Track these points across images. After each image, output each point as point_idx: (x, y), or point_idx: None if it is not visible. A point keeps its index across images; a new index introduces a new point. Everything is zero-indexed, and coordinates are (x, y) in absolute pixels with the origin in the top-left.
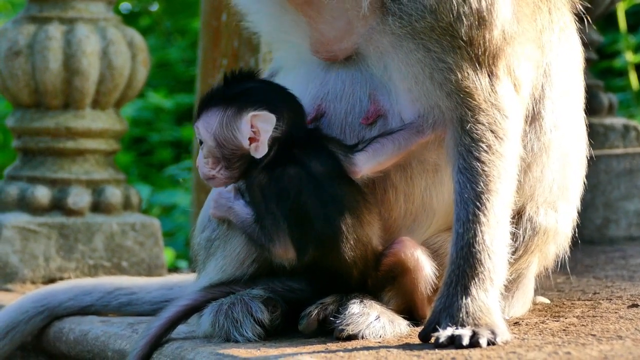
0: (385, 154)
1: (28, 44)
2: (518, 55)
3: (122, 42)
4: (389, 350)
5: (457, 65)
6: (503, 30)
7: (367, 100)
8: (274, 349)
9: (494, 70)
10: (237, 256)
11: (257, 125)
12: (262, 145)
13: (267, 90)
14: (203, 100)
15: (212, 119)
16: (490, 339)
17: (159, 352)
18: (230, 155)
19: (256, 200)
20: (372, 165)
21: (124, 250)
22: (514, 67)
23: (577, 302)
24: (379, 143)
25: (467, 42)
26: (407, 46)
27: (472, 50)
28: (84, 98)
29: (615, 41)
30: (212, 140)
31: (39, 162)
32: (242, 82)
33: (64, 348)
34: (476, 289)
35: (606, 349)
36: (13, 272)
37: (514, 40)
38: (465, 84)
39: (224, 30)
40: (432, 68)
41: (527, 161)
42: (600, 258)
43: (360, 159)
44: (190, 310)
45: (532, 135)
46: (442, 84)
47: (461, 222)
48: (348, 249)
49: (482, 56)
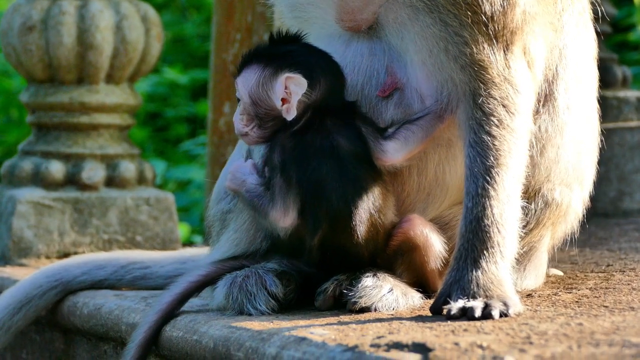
0: (415, 142)
1: (42, 19)
2: (535, 34)
3: (136, 16)
4: (401, 322)
5: (474, 39)
6: (524, 9)
7: (384, 72)
8: (287, 321)
9: (509, 47)
10: (247, 230)
11: (290, 87)
12: (292, 107)
13: (307, 54)
14: (245, 57)
15: (250, 77)
16: (502, 310)
17: (171, 325)
18: (264, 114)
19: (274, 162)
20: (402, 154)
21: (138, 224)
22: (529, 45)
23: (590, 274)
24: (409, 130)
25: (489, 18)
26: (423, 19)
27: (492, 25)
28: (97, 73)
29: (630, 14)
30: (248, 97)
31: (53, 137)
32: (285, 44)
33: (77, 322)
34: (486, 261)
35: (618, 320)
36: (28, 247)
37: (534, 20)
38: (479, 57)
39: (237, 5)
40: (448, 41)
41: (542, 142)
42: (614, 231)
43: (392, 147)
44: (202, 284)
45: (546, 116)
46: (456, 57)
47: (471, 195)
48: (361, 230)
49: (500, 32)
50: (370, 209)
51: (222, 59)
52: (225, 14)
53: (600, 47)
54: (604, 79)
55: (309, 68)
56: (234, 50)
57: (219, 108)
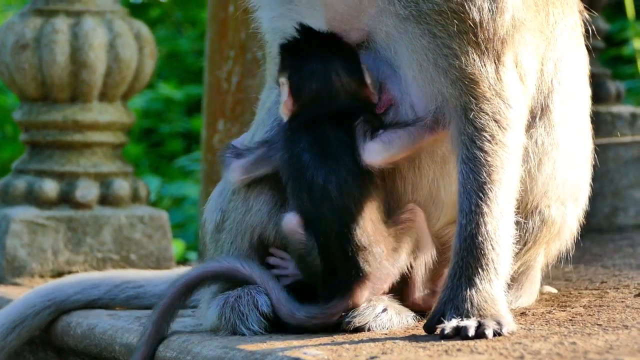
0: (399, 147)
1: (35, 37)
2: (526, 43)
3: (129, 34)
4: (394, 342)
5: (463, 50)
6: (513, 15)
7: (378, 89)
8: (280, 341)
9: (500, 58)
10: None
11: (282, 90)
12: (284, 109)
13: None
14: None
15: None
16: (496, 329)
17: (165, 346)
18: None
19: (267, 140)
20: (383, 156)
21: (133, 243)
22: (521, 57)
23: (584, 292)
24: (395, 134)
25: (476, 25)
26: (412, 31)
27: (480, 34)
28: (91, 91)
29: (624, 29)
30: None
31: (47, 155)
32: (310, 38)
33: (71, 342)
34: (480, 280)
35: (612, 338)
36: (21, 266)
37: (523, 27)
38: (470, 70)
39: (231, 22)
40: (437, 54)
41: (538, 156)
42: (608, 247)
43: (373, 147)
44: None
45: (542, 130)
46: (446, 71)
47: (464, 213)
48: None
49: (490, 42)
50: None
51: (216, 76)
52: (218, 32)
53: (594, 62)
54: (598, 94)
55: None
56: (228, 67)
57: (213, 125)
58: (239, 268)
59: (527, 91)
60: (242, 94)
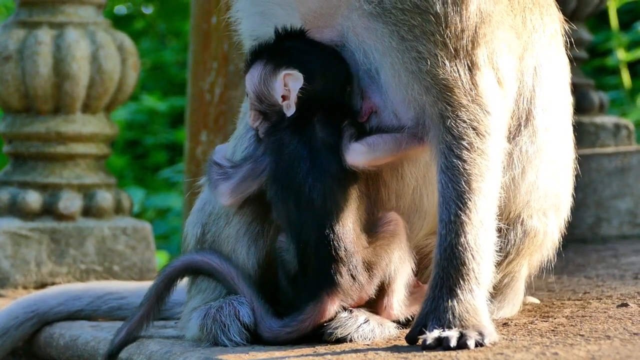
0: (382, 151)
1: (18, 49)
2: (499, 39)
3: (112, 46)
4: (377, 353)
5: (432, 54)
6: (479, 7)
7: (359, 96)
8: (262, 352)
9: (473, 61)
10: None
11: (288, 84)
12: (291, 104)
13: (306, 51)
14: (250, 54)
15: (255, 73)
16: (478, 340)
17: (147, 357)
18: (268, 110)
19: (253, 152)
20: (365, 158)
21: (116, 254)
22: (495, 56)
23: (567, 302)
24: (380, 138)
25: (440, 19)
26: (380, 30)
27: (447, 30)
28: (74, 102)
29: (608, 39)
30: (253, 93)
31: (30, 167)
32: (289, 40)
33: (54, 353)
34: (462, 290)
35: (594, 349)
36: (5, 278)
37: (492, 20)
38: (442, 76)
39: (213, 33)
40: (407, 57)
41: (522, 163)
42: (591, 257)
43: (357, 149)
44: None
45: (527, 138)
46: (418, 76)
47: (444, 222)
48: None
49: (459, 41)
50: (340, 203)
51: (199, 87)
52: (201, 43)
53: (577, 72)
54: (581, 105)
55: (307, 65)
56: (211, 78)
57: (196, 136)
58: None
59: (506, 94)
60: (225, 105)
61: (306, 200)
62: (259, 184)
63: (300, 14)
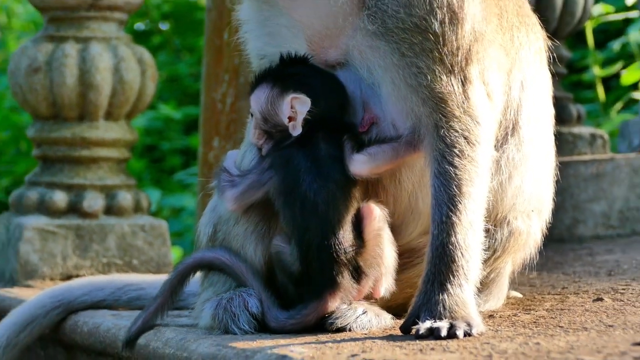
0: (383, 160)
1: (46, 61)
2: (490, 57)
3: (132, 59)
4: (373, 342)
5: (430, 69)
6: (473, 27)
7: (361, 107)
8: (269, 340)
9: (466, 76)
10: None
11: (295, 106)
12: (298, 124)
13: (311, 76)
14: (257, 77)
15: (261, 96)
16: (466, 330)
17: (164, 343)
18: (273, 129)
19: (261, 163)
20: (368, 167)
21: (135, 249)
22: (486, 72)
23: (547, 296)
24: (380, 148)
25: (438, 38)
26: (383, 48)
27: (444, 48)
28: (97, 110)
29: (585, 57)
30: (259, 113)
31: (57, 169)
32: (294, 66)
33: (78, 339)
34: (452, 285)
35: (572, 339)
36: (33, 270)
37: (484, 39)
38: (438, 89)
39: (225, 48)
40: (407, 72)
41: (509, 169)
42: (569, 255)
43: (360, 159)
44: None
45: (513, 146)
46: (416, 90)
47: (436, 223)
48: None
49: (454, 57)
50: (341, 209)
51: (212, 97)
52: (214, 57)
53: (557, 86)
54: (561, 116)
55: (312, 89)
56: (223, 89)
57: (209, 142)
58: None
59: (494, 107)
60: (236, 114)
61: (311, 206)
62: (262, 193)
63: (306, 35)
